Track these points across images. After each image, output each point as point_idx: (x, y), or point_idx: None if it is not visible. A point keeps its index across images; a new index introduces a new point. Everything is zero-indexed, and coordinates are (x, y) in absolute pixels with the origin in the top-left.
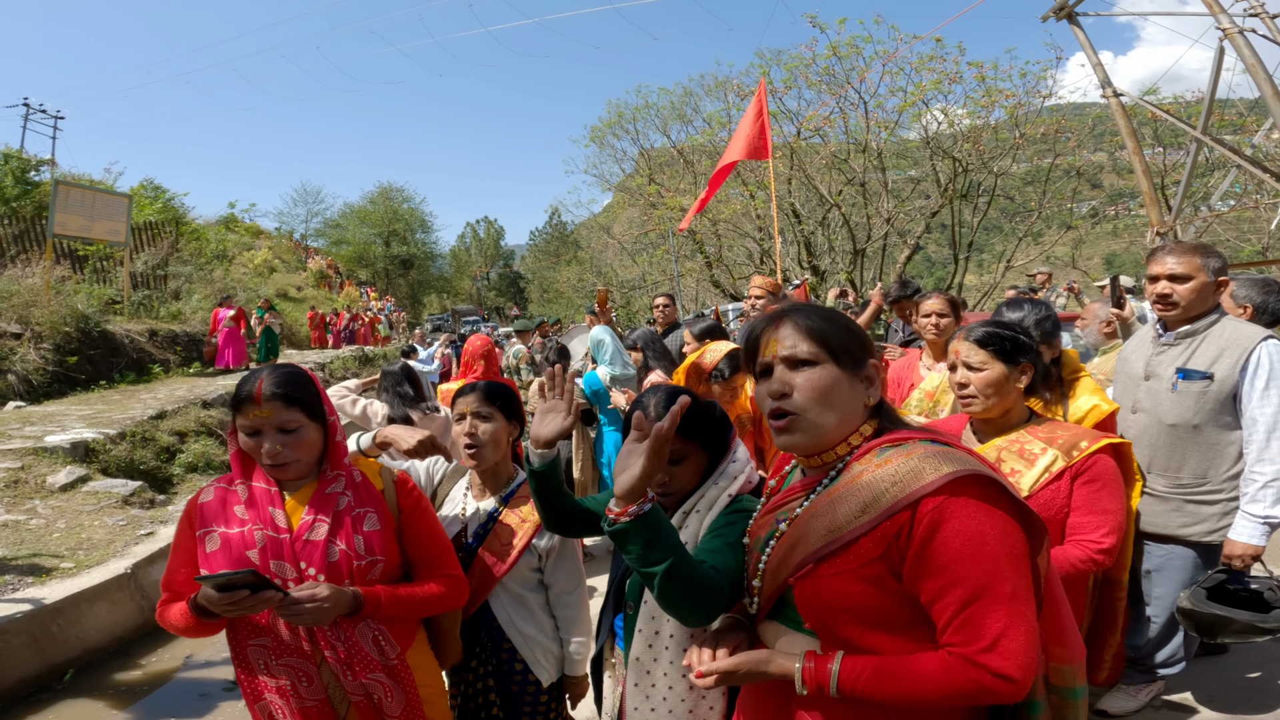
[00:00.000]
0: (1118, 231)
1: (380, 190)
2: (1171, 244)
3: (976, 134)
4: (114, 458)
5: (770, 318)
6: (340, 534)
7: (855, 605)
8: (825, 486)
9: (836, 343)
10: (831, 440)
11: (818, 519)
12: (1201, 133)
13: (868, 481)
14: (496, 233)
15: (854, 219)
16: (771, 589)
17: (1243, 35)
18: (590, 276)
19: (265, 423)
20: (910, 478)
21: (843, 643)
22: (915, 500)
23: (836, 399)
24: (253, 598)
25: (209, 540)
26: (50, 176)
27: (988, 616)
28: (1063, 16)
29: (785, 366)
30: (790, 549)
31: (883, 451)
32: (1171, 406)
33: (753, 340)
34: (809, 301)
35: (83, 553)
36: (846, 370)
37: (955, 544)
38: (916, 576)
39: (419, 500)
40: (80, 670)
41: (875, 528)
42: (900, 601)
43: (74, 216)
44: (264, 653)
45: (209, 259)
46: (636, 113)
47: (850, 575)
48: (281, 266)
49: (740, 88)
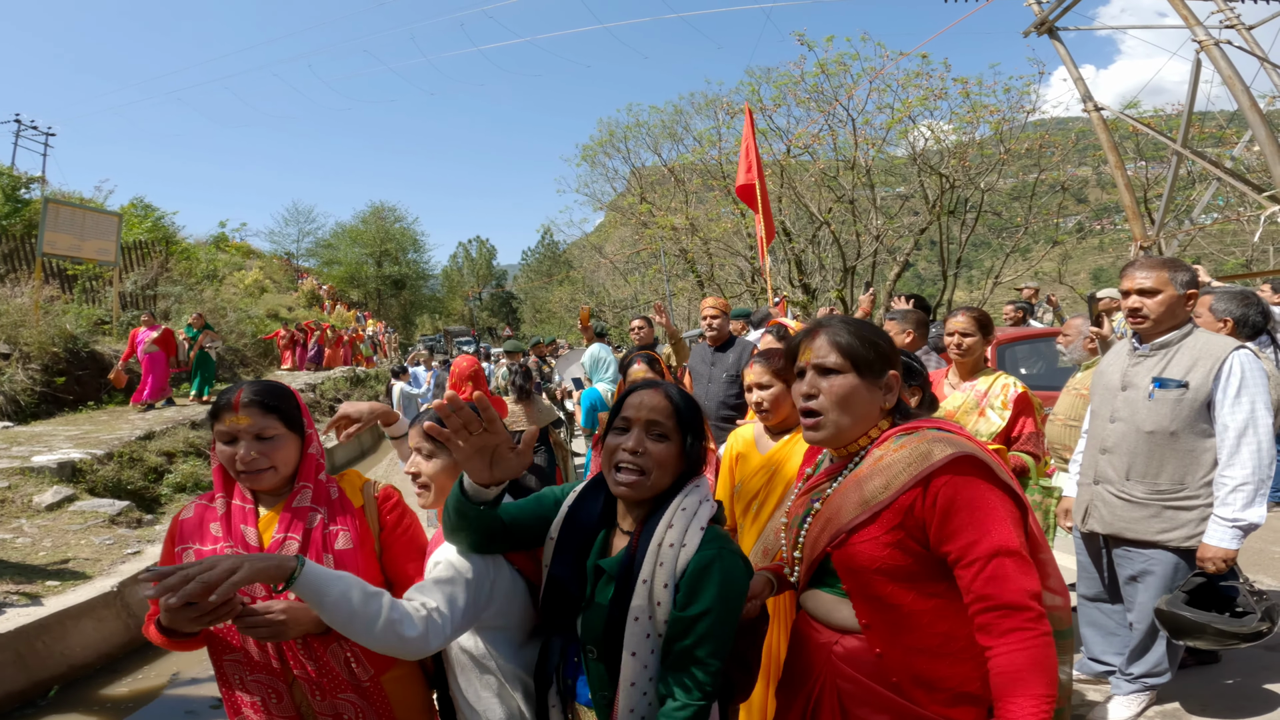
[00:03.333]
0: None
1: (372, 209)
2: (1141, 259)
3: (963, 150)
4: (101, 478)
5: (809, 328)
6: (310, 551)
7: (884, 565)
8: (851, 470)
9: (860, 356)
10: (851, 436)
11: (848, 496)
12: (1182, 146)
13: (888, 463)
14: (489, 252)
15: (844, 236)
16: (811, 558)
17: (1219, 47)
18: (583, 296)
19: (241, 429)
20: (920, 459)
21: (876, 599)
22: (926, 476)
23: (855, 404)
24: (195, 607)
25: (185, 557)
26: (40, 194)
27: (1006, 566)
28: (1044, 31)
29: (815, 372)
30: (826, 523)
31: (899, 438)
32: (1149, 415)
33: (793, 346)
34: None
35: (69, 571)
36: (867, 380)
37: (969, 508)
38: (941, 539)
39: (402, 517)
40: (65, 687)
41: (895, 500)
42: (918, 559)
43: (63, 235)
44: (238, 668)
45: (199, 279)
46: (628, 131)
47: (877, 541)
48: (273, 287)
49: (730, 106)
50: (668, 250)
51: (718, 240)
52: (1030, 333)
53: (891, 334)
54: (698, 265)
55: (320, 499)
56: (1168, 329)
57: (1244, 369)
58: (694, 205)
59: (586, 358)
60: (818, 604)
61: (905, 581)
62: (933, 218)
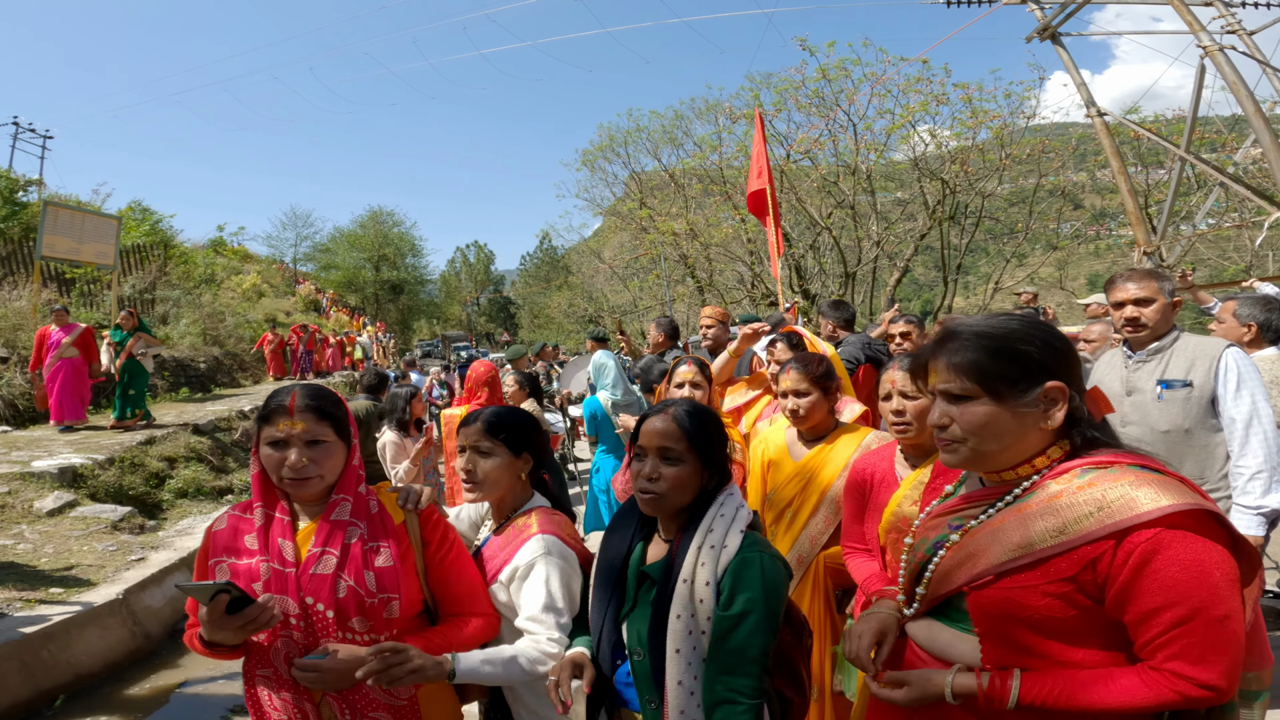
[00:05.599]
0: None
1: (370, 214)
2: (1128, 271)
3: (964, 155)
4: (102, 483)
5: (935, 343)
6: (349, 568)
7: (1035, 616)
8: (1010, 502)
9: (993, 375)
10: (1003, 463)
11: (1004, 533)
12: (1185, 151)
13: (1068, 504)
14: (487, 258)
15: (843, 241)
16: (939, 593)
17: (1223, 53)
18: (581, 301)
19: (295, 434)
20: (1121, 506)
21: (1016, 647)
22: (1124, 530)
23: (998, 432)
24: (240, 616)
25: (219, 572)
26: (38, 197)
27: (1200, 634)
28: (1046, 37)
29: (944, 400)
30: (967, 558)
31: (1085, 473)
32: (1161, 415)
33: (923, 360)
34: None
35: (72, 578)
36: (1009, 402)
37: (1172, 572)
38: (1124, 601)
39: (445, 533)
40: (71, 697)
41: (1072, 550)
42: (1086, 615)
43: (62, 238)
44: (268, 684)
45: (197, 283)
46: (628, 136)
47: (1035, 590)
48: (270, 291)
49: (731, 110)
50: (667, 256)
51: (718, 246)
52: None
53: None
54: (697, 270)
55: (360, 513)
56: (1159, 335)
57: (1239, 364)
58: (694, 210)
59: (592, 365)
60: (933, 637)
61: (1058, 635)
62: (933, 223)
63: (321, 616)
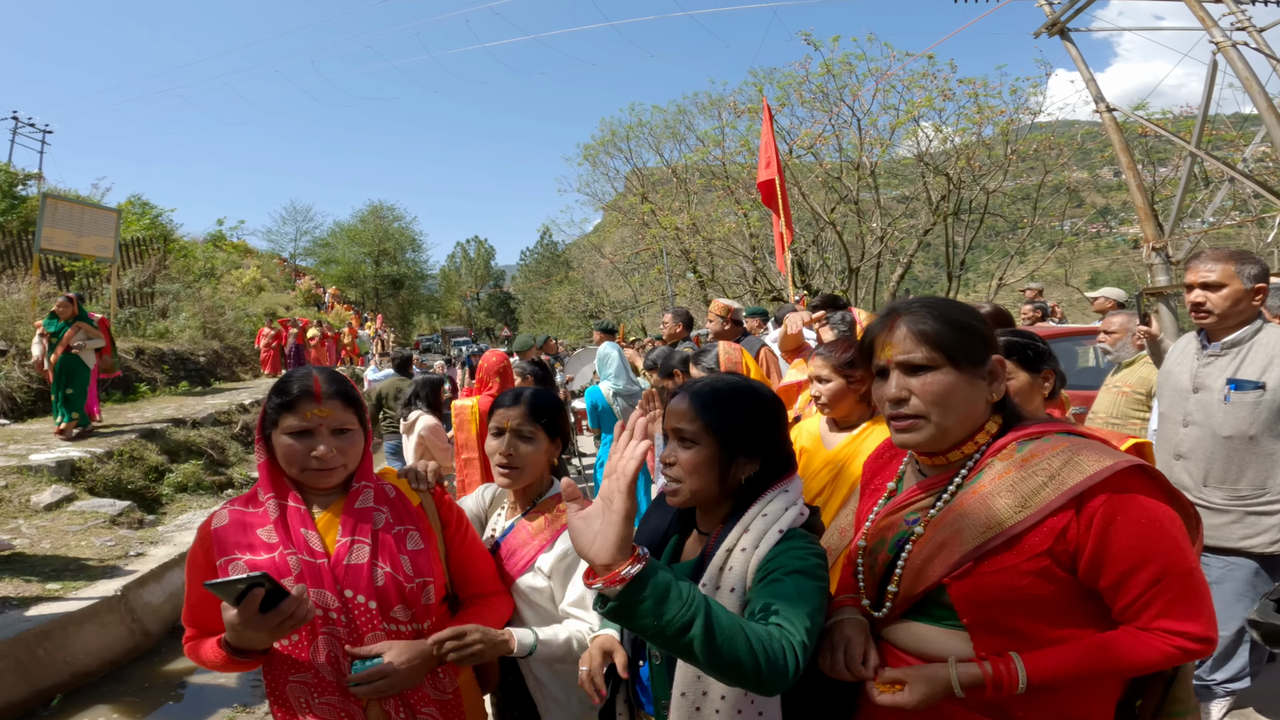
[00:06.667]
0: (1099, 250)
1: (371, 209)
2: (1208, 250)
3: (970, 150)
4: (101, 477)
5: (884, 317)
6: (383, 555)
7: (1023, 597)
8: (961, 485)
9: (954, 344)
10: (955, 439)
11: (969, 517)
12: (1196, 147)
13: (1019, 477)
14: (487, 253)
15: (846, 237)
16: (915, 590)
17: (1236, 49)
18: (582, 297)
19: (322, 422)
20: (1070, 471)
21: (1007, 632)
22: (1079, 493)
23: (957, 402)
24: (276, 613)
25: (233, 569)
26: (37, 191)
27: (1177, 589)
28: (1055, 32)
29: (901, 372)
30: (939, 548)
31: (1023, 445)
32: (1226, 418)
33: (867, 341)
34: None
35: (70, 574)
36: (966, 371)
37: (1135, 530)
38: (1097, 567)
39: (461, 514)
40: (69, 695)
41: (1041, 522)
42: (1064, 588)
43: (61, 231)
44: (305, 690)
45: (196, 277)
46: (630, 130)
47: (1015, 570)
48: (270, 286)
49: (735, 105)
50: (669, 250)
51: (720, 240)
52: (1054, 331)
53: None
54: (699, 265)
55: (381, 499)
56: (1235, 325)
57: None
58: (696, 205)
59: (596, 357)
60: (919, 639)
61: (1044, 612)
62: (937, 219)
63: (363, 609)
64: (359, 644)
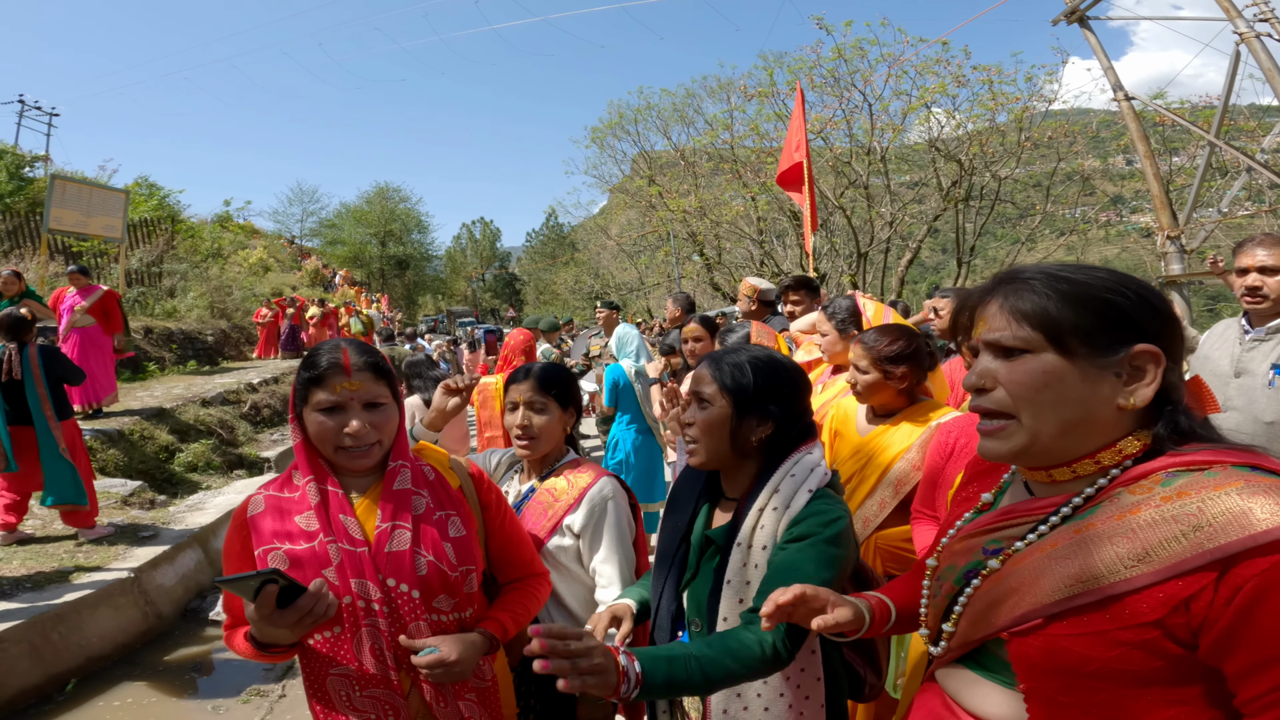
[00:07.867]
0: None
1: (377, 190)
2: (1261, 236)
3: (983, 137)
4: (111, 457)
5: (990, 285)
6: (425, 543)
7: (1105, 670)
8: (1069, 516)
9: (1064, 323)
10: (1063, 454)
11: (1058, 561)
12: (1215, 136)
13: (1150, 520)
14: (493, 234)
15: (855, 222)
16: (972, 639)
17: (1259, 40)
18: (587, 279)
19: (353, 396)
20: (1227, 522)
21: (1070, 705)
22: (1232, 556)
23: (1061, 399)
24: (294, 609)
25: (273, 559)
26: (45, 173)
27: None
28: (1074, 20)
29: (990, 354)
30: (1008, 593)
31: (1174, 477)
32: (1269, 404)
33: (964, 312)
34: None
35: (82, 555)
36: (1080, 360)
37: None
38: (1225, 650)
39: (499, 496)
40: (83, 680)
41: (1157, 584)
42: (1169, 664)
43: (70, 212)
44: (346, 684)
45: (204, 257)
46: (638, 114)
47: (1104, 637)
48: (276, 266)
49: (745, 89)
50: (676, 233)
51: (728, 224)
52: None
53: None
54: (706, 249)
55: (420, 480)
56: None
57: None
58: (704, 188)
59: (614, 338)
60: (968, 691)
61: (1133, 687)
62: (948, 204)
63: (406, 598)
64: (399, 635)
